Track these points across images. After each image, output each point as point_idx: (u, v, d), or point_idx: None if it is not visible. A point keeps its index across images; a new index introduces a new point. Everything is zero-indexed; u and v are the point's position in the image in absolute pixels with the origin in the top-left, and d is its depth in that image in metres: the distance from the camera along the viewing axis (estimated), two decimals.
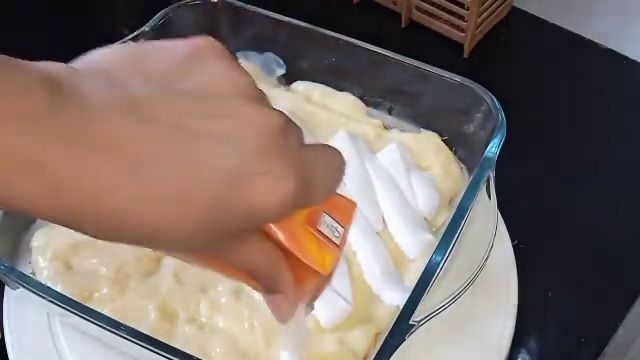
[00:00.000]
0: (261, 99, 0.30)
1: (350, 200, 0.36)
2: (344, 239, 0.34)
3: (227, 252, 0.30)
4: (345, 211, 0.35)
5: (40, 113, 0.24)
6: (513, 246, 0.58)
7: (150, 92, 0.27)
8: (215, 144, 0.27)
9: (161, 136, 0.26)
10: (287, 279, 0.33)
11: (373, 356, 0.42)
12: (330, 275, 0.34)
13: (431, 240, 0.53)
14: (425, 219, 0.55)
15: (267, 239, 0.31)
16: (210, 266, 0.32)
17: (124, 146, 0.25)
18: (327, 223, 0.34)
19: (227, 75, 0.30)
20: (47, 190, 0.24)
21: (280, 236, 0.31)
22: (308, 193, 0.29)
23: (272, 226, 0.31)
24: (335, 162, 0.33)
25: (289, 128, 0.29)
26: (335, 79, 0.63)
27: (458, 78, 0.57)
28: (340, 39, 0.60)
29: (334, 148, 0.33)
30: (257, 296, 0.50)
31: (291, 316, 0.34)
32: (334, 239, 0.34)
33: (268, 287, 0.33)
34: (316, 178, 0.30)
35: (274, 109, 0.29)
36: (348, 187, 0.56)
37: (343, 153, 0.35)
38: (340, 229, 0.34)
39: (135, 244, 0.27)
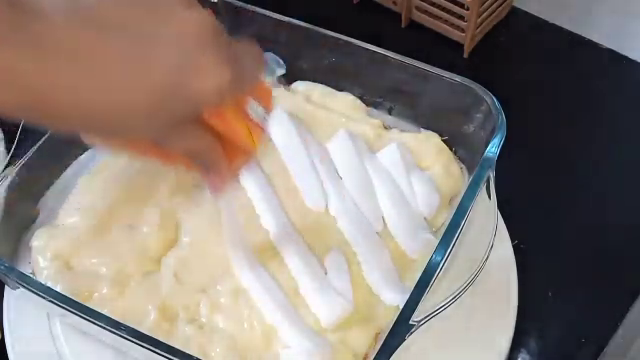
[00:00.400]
0: (194, 4, 0.35)
1: (267, 86, 0.43)
2: (266, 119, 0.42)
3: (172, 139, 0.36)
4: (264, 95, 0.42)
5: (5, 28, 0.28)
6: (513, 246, 0.58)
7: (101, 1, 0.32)
8: (162, 44, 0.32)
9: (114, 40, 0.31)
10: (222, 160, 0.40)
11: (373, 356, 0.42)
12: (257, 152, 0.42)
13: (431, 240, 0.53)
14: (425, 219, 0.55)
15: (204, 127, 0.37)
16: (153, 155, 0.39)
17: (82, 50, 0.30)
18: (252, 107, 0.41)
19: None
20: (18, 90, 0.29)
21: (216, 123, 0.38)
22: (239, 81, 0.35)
23: (208, 114, 0.37)
24: (257, 55, 0.39)
25: (218, 27, 0.34)
26: (335, 79, 0.63)
27: (458, 78, 0.57)
28: (340, 39, 0.60)
29: (252, 43, 0.39)
30: (257, 296, 0.50)
31: (224, 188, 0.42)
32: (259, 120, 0.41)
33: (206, 167, 0.40)
34: (244, 68, 0.36)
35: (204, 12, 0.34)
36: (348, 187, 0.56)
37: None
38: (262, 111, 0.42)
39: (93, 132, 0.35)
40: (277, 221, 0.54)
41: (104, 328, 0.44)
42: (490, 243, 0.47)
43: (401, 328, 0.43)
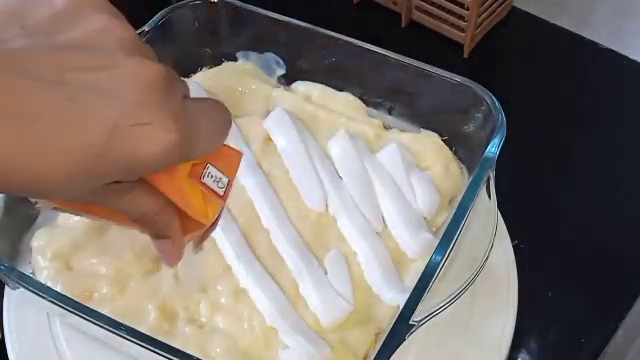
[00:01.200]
0: (143, 52, 0.30)
1: (235, 150, 0.37)
2: (229, 189, 0.36)
3: (114, 201, 0.31)
4: (230, 161, 0.37)
5: None
6: (513, 246, 0.58)
7: (30, 45, 0.28)
8: (96, 96, 0.27)
9: (43, 91, 0.26)
10: (174, 226, 0.34)
11: (373, 356, 0.42)
12: (215, 223, 0.36)
13: (431, 240, 0.53)
14: (425, 219, 0.55)
15: (154, 189, 0.32)
16: (98, 215, 0.34)
17: (6, 103, 0.26)
18: (211, 174, 0.35)
19: (108, 26, 0.30)
20: None
21: (163, 188, 0.32)
22: (192, 146, 0.30)
23: (155, 178, 0.32)
24: (220, 117, 0.33)
25: (172, 81, 0.29)
26: (335, 79, 0.63)
27: (458, 78, 0.57)
28: (340, 39, 0.60)
29: (220, 103, 0.33)
30: (257, 296, 0.50)
31: (178, 259, 0.36)
32: (218, 190, 0.35)
33: (156, 233, 0.34)
34: (200, 132, 0.31)
35: (156, 62, 0.29)
36: (348, 187, 0.56)
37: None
38: (224, 179, 0.35)
39: (20, 194, 0.28)
40: (277, 221, 0.54)
41: (104, 328, 0.44)
42: (490, 243, 0.47)
43: (401, 328, 0.43)
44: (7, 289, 0.53)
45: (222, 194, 0.35)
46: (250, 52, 0.65)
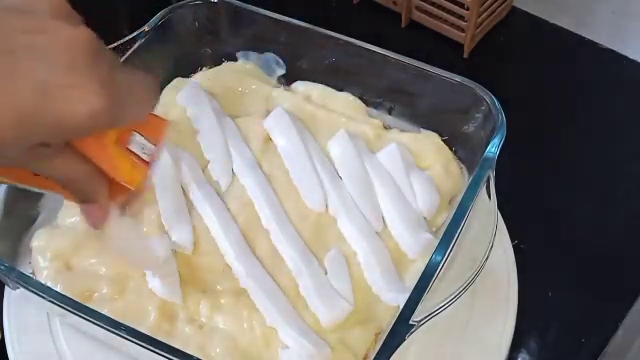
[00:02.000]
0: (73, 18, 0.32)
1: (162, 118, 0.39)
2: (155, 156, 0.38)
3: (44, 165, 0.33)
4: (156, 129, 0.38)
5: None
6: (513, 246, 0.58)
7: None
8: (31, 58, 0.29)
9: None
10: (100, 191, 0.36)
11: (373, 356, 0.42)
12: (141, 189, 0.37)
13: (431, 240, 0.53)
14: (425, 219, 0.55)
15: (82, 155, 0.34)
16: (29, 182, 0.36)
17: None
18: (137, 141, 0.37)
19: None
20: None
21: (91, 153, 0.34)
22: (119, 112, 0.32)
23: (84, 144, 0.34)
24: (147, 86, 0.35)
25: (99, 49, 0.31)
26: (335, 79, 0.63)
27: (458, 78, 0.57)
28: (340, 39, 0.60)
29: (147, 75, 0.35)
30: (257, 297, 0.50)
31: (103, 223, 0.39)
32: (144, 156, 0.37)
33: (82, 198, 0.36)
34: (127, 99, 0.32)
35: (86, 28, 0.31)
36: (348, 187, 0.56)
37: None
38: (150, 146, 0.37)
39: None
40: (277, 221, 0.54)
41: (104, 328, 0.44)
42: (490, 243, 0.47)
43: (401, 328, 0.43)
44: (7, 289, 0.53)
45: (148, 160, 0.37)
46: (250, 52, 0.65)
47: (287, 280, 0.51)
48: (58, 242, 0.53)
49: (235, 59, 0.66)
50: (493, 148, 0.51)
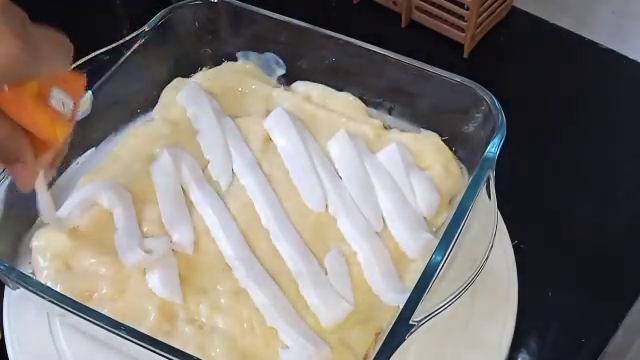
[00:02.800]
0: None
1: (79, 73, 0.40)
2: (75, 111, 0.39)
3: None
4: (75, 84, 0.39)
5: None
6: (513, 246, 0.58)
7: None
8: None
9: None
10: (25, 150, 0.37)
11: (373, 356, 0.42)
12: (64, 144, 0.39)
13: (431, 240, 0.53)
14: (425, 219, 0.55)
15: (2, 114, 0.34)
16: None
17: None
18: (57, 97, 0.37)
19: None
20: None
21: (10, 110, 0.35)
22: (34, 63, 0.33)
23: (2, 102, 0.34)
24: (63, 42, 0.36)
25: (12, 4, 0.32)
26: (335, 79, 0.63)
27: (458, 78, 0.57)
28: (340, 39, 0.60)
29: (61, 34, 0.36)
30: (257, 297, 0.50)
31: (32, 182, 0.39)
32: (65, 111, 0.38)
33: (7, 158, 0.37)
34: (42, 51, 0.33)
35: None
36: (348, 187, 0.56)
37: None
38: (70, 102, 0.38)
39: None
40: (277, 221, 0.54)
41: (104, 328, 0.44)
42: (490, 243, 0.47)
43: (401, 328, 0.43)
44: (7, 289, 0.53)
45: (69, 115, 0.38)
46: (250, 52, 0.65)
47: (287, 280, 0.51)
48: (58, 242, 0.53)
49: (235, 59, 0.66)
50: (493, 148, 0.51)
